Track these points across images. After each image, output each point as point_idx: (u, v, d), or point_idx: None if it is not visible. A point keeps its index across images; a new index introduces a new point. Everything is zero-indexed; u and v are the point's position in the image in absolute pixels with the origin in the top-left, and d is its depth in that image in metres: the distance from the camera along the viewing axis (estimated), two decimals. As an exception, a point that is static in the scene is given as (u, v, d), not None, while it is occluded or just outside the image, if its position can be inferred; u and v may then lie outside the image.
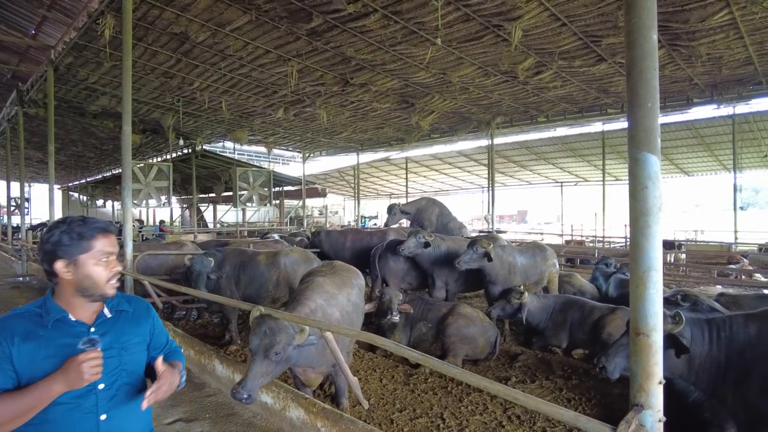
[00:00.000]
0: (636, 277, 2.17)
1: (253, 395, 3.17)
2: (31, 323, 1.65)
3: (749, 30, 8.95)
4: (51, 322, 1.67)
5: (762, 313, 3.23)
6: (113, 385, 1.74)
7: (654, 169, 2.15)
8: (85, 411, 1.67)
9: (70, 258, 1.68)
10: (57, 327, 1.68)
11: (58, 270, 1.68)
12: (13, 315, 1.68)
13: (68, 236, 1.68)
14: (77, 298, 1.72)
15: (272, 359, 3.29)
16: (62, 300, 1.72)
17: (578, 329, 6.27)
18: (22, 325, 1.64)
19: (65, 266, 1.68)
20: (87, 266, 1.69)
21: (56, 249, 1.67)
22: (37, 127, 18.28)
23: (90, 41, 10.35)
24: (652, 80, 2.18)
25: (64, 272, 1.68)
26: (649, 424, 2.07)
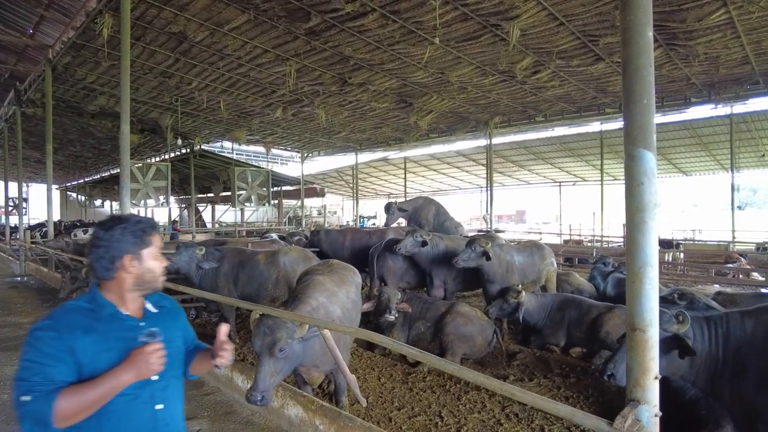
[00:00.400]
0: (632, 273, 2.18)
1: (267, 396, 3.17)
2: (87, 317, 1.71)
3: (746, 29, 8.98)
4: (105, 316, 1.74)
5: (758, 310, 3.24)
6: (164, 376, 1.81)
7: (650, 166, 2.16)
8: (143, 401, 1.75)
9: (134, 253, 1.77)
10: (111, 321, 1.74)
11: (123, 265, 1.75)
12: (68, 310, 1.73)
13: (132, 233, 1.77)
14: (132, 292, 1.80)
15: (278, 356, 3.29)
16: (113, 295, 1.78)
17: (576, 328, 6.28)
18: (79, 320, 1.69)
19: (130, 261, 1.76)
20: (148, 261, 1.80)
21: (123, 245, 1.75)
22: (34, 126, 18.26)
23: (88, 41, 10.35)
24: (647, 77, 2.19)
25: (130, 267, 1.76)
26: (645, 419, 2.09)
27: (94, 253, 1.74)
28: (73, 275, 8.35)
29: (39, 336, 1.61)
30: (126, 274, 1.76)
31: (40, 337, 1.61)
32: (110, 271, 1.75)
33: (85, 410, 1.57)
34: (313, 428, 3.81)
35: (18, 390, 1.53)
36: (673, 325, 3.06)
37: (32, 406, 1.50)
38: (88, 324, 1.68)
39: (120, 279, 1.77)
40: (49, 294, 10.76)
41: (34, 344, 1.59)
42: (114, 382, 1.61)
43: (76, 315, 1.70)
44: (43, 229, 18.85)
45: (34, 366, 1.56)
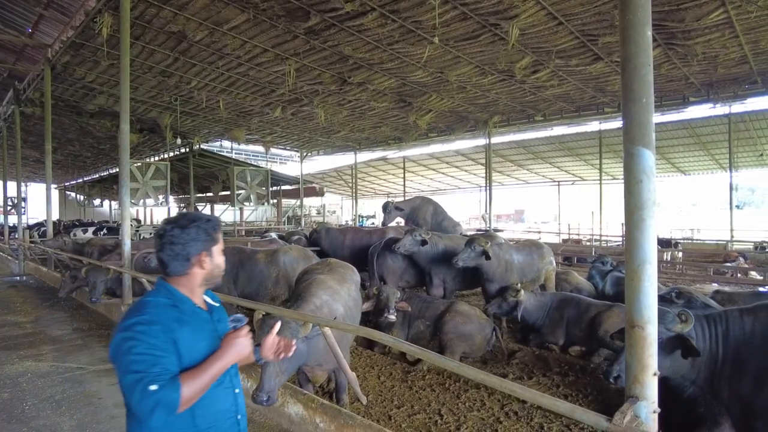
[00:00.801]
0: (631, 270, 2.20)
1: (273, 396, 3.20)
2: (175, 311, 1.79)
3: (744, 29, 9.00)
4: (188, 310, 1.83)
5: (756, 308, 3.25)
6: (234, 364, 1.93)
7: (648, 164, 2.18)
8: (225, 387, 1.88)
9: (208, 250, 1.87)
10: (193, 314, 1.84)
11: (200, 262, 1.85)
12: (156, 305, 1.78)
13: (205, 231, 1.86)
14: (201, 287, 1.91)
15: None
16: (185, 290, 1.86)
17: (575, 326, 6.29)
18: (171, 313, 1.77)
19: (204, 258, 1.86)
20: (217, 257, 1.91)
21: (198, 243, 1.84)
22: (33, 126, 18.23)
23: (87, 40, 10.34)
24: (646, 76, 2.20)
25: (205, 263, 1.86)
26: (643, 415, 2.10)
27: (170, 250, 1.80)
28: (73, 274, 8.35)
29: (144, 330, 1.65)
30: (199, 270, 1.86)
31: (145, 331, 1.65)
32: (185, 267, 1.83)
33: (199, 395, 1.68)
34: (314, 426, 3.82)
35: (140, 382, 1.56)
36: (677, 324, 3.06)
37: (162, 394, 1.56)
38: (179, 317, 1.77)
39: (193, 275, 1.86)
40: (49, 293, 10.76)
41: (142, 338, 1.63)
42: (220, 365, 1.74)
43: (166, 309, 1.77)
44: (42, 229, 18.83)
45: (149, 357, 1.60)
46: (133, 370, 1.58)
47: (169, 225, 1.84)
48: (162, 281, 1.86)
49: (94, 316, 8.54)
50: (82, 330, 7.59)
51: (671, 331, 3.06)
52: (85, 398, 4.84)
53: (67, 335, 7.28)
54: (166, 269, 1.84)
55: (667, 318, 3.06)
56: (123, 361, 1.61)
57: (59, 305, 9.32)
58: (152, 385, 1.55)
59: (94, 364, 5.92)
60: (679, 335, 3.06)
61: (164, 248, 1.81)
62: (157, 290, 1.85)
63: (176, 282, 1.85)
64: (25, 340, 7.02)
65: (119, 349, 1.63)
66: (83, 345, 6.77)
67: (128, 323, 1.68)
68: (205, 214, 1.96)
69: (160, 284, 1.87)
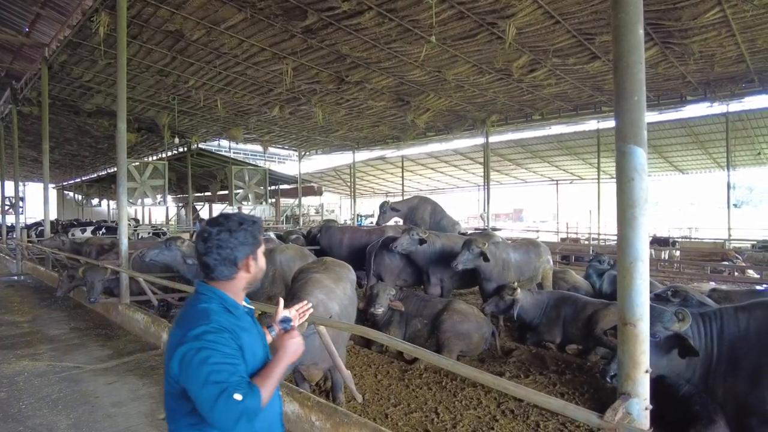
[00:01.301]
0: (623, 268, 2.21)
1: None
2: (231, 317, 1.73)
3: (741, 28, 9.02)
4: (241, 314, 1.79)
5: (751, 306, 3.25)
6: None
7: (640, 162, 2.18)
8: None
9: (254, 254, 1.81)
10: (245, 318, 1.81)
11: (247, 266, 1.79)
12: (215, 311, 1.71)
13: (251, 234, 1.80)
14: (245, 290, 1.86)
15: None
16: (231, 294, 1.79)
17: (572, 325, 6.30)
18: (231, 320, 1.71)
19: (251, 261, 1.80)
20: (261, 259, 1.86)
21: (246, 247, 1.78)
22: (31, 125, 18.21)
23: (84, 39, 10.34)
24: (638, 74, 2.21)
25: (251, 267, 1.81)
26: (635, 412, 2.11)
27: (217, 254, 1.73)
28: (71, 274, 8.34)
29: (215, 338, 1.59)
30: (246, 274, 1.80)
31: (217, 339, 1.59)
32: (232, 272, 1.77)
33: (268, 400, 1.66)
34: (309, 425, 3.82)
35: (223, 392, 1.51)
36: (674, 323, 3.06)
37: (247, 403, 1.53)
38: (237, 323, 1.72)
39: (238, 279, 1.80)
40: (46, 293, 10.75)
41: (215, 347, 1.58)
42: (283, 367, 1.73)
43: (225, 316, 1.71)
44: (39, 228, 18.81)
45: (227, 367, 1.56)
46: (213, 381, 1.52)
47: (216, 228, 1.75)
48: (208, 287, 1.78)
49: (92, 315, 8.54)
50: (79, 329, 7.59)
51: (669, 330, 3.05)
52: (81, 397, 4.84)
53: (64, 335, 7.28)
54: (211, 274, 1.76)
55: (665, 317, 3.05)
56: (198, 373, 1.53)
57: (57, 305, 9.32)
58: (236, 394, 1.51)
59: (91, 363, 5.92)
60: (678, 335, 3.04)
61: (210, 252, 1.73)
62: (207, 296, 1.75)
63: (222, 287, 1.78)
64: (22, 339, 7.02)
65: (190, 361, 1.55)
66: (80, 344, 6.76)
67: (195, 333, 1.59)
68: (249, 216, 1.88)
69: (207, 290, 1.77)
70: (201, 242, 1.76)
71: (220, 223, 1.77)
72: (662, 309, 3.10)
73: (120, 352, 6.39)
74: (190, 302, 1.79)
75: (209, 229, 1.76)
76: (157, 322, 6.77)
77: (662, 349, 3.05)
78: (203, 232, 1.77)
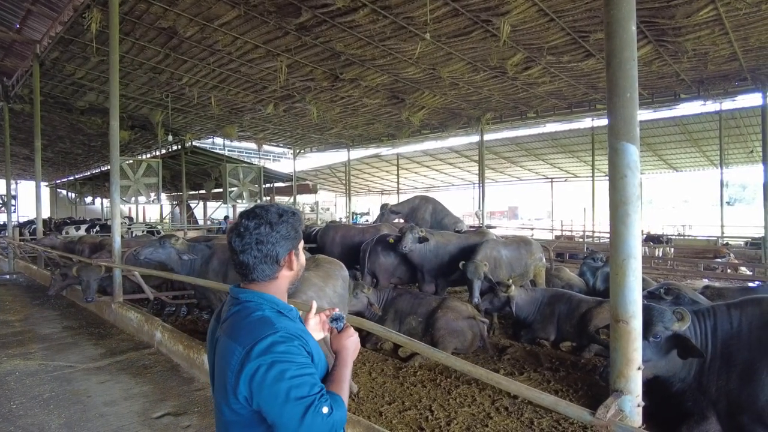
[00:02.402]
0: (615, 265, 2.20)
1: None
2: (291, 323, 1.53)
3: (734, 26, 9.05)
4: (296, 317, 1.61)
5: (742, 303, 3.27)
6: None
7: (633, 159, 2.18)
8: None
9: (296, 249, 1.62)
10: (300, 321, 1.64)
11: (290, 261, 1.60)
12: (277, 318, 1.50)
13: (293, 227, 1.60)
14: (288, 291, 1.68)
15: None
16: (278, 294, 1.60)
17: (566, 322, 6.33)
18: (293, 326, 1.52)
19: (294, 257, 1.61)
20: (302, 255, 1.68)
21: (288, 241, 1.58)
22: (22, 123, 18.05)
23: (76, 36, 10.25)
24: (630, 70, 2.21)
25: (293, 264, 1.62)
26: (628, 409, 2.11)
27: (257, 251, 1.51)
28: (63, 272, 8.28)
29: (286, 349, 1.40)
30: (288, 272, 1.61)
31: (288, 350, 1.40)
32: (274, 270, 1.56)
33: None
34: (303, 423, 3.81)
35: (310, 407, 1.36)
36: (674, 323, 3.04)
37: (336, 415, 1.41)
38: (302, 327, 1.57)
39: (281, 278, 1.60)
40: (39, 291, 10.67)
41: (289, 358, 1.39)
42: (349, 368, 1.62)
43: (286, 321, 1.51)
44: (32, 227, 18.67)
45: (306, 378, 1.39)
46: (296, 397, 1.35)
47: (254, 221, 1.53)
48: (251, 292, 1.55)
49: (85, 314, 8.48)
50: (72, 328, 7.54)
51: (669, 330, 3.03)
52: (73, 397, 4.80)
53: (56, 333, 7.23)
54: (251, 275, 1.54)
55: (665, 317, 3.03)
56: (276, 392, 1.35)
57: (49, 303, 9.25)
58: (323, 407, 1.37)
59: (84, 362, 5.88)
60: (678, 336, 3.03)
61: (249, 249, 1.51)
62: (255, 303, 1.52)
63: (265, 289, 1.56)
64: (14, 338, 6.96)
65: (263, 379, 1.35)
66: (73, 343, 6.71)
67: (262, 346, 1.38)
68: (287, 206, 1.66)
69: (252, 295, 1.54)
70: (237, 238, 1.53)
71: (258, 216, 1.55)
72: (662, 309, 3.09)
73: (113, 350, 6.35)
74: (237, 312, 1.53)
75: (246, 223, 1.54)
76: (151, 320, 6.73)
77: (662, 349, 3.04)
78: (239, 227, 1.54)
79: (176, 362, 5.78)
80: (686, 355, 3.05)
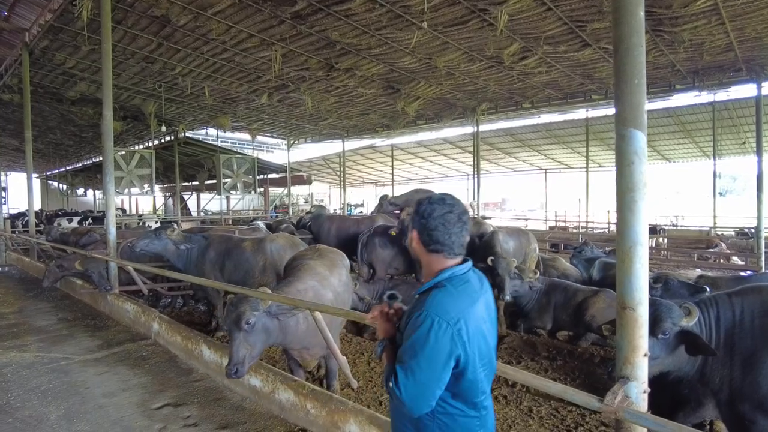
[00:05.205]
0: (622, 252, 2.20)
1: (241, 369, 3.34)
2: None
3: (731, 16, 9.04)
4: None
5: (743, 291, 3.26)
6: None
7: (640, 145, 2.17)
8: None
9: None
10: None
11: None
12: None
13: None
14: None
15: (246, 330, 3.43)
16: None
17: (562, 311, 6.38)
18: None
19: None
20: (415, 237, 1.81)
21: None
22: (12, 113, 17.80)
23: (66, 24, 10.05)
24: (638, 56, 2.19)
25: None
26: (634, 396, 2.12)
27: (460, 237, 1.71)
28: (59, 263, 8.21)
29: None
30: None
31: None
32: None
33: None
34: (305, 412, 3.81)
35: None
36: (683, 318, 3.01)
37: None
38: None
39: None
40: (32, 283, 10.58)
41: None
42: None
43: None
44: (25, 219, 18.48)
45: None
46: None
47: (455, 210, 1.73)
48: (467, 268, 1.75)
49: (79, 306, 8.42)
50: (67, 320, 7.48)
51: (677, 326, 3.00)
52: (71, 388, 4.78)
53: (52, 325, 7.17)
54: (454, 253, 1.73)
55: (673, 313, 3.01)
56: None
57: (43, 295, 9.17)
58: None
59: (80, 354, 5.85)
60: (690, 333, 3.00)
61: (456, 233, 1.72)
62: (466, 273, 1.73)
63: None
64: (9, 330, 6.90)
65: None
66: (69, 335, 6.67)
67: None
68: None
69: (467, 269, 1.74)
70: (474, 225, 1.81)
71: (451, 205, 1.75)
72: (670, 304, 3.07)
73: (109, 342, 6.31)
74: None
75: (454, 215, 1.72)
76: (148, 312, 6.69)
77: (669, 346, 3.03)
78: (454, 217, 1.72)
79: (174, 353, 5.75)
80: (697, 352, 3.03)
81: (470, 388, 1.62)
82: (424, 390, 1.54)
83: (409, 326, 1.60)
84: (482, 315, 1.66)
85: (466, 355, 1.56)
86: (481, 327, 1.64)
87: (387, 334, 1.76)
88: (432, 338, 1.52)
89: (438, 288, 1.64)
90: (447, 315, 1.55)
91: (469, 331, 1.57)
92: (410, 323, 1.60)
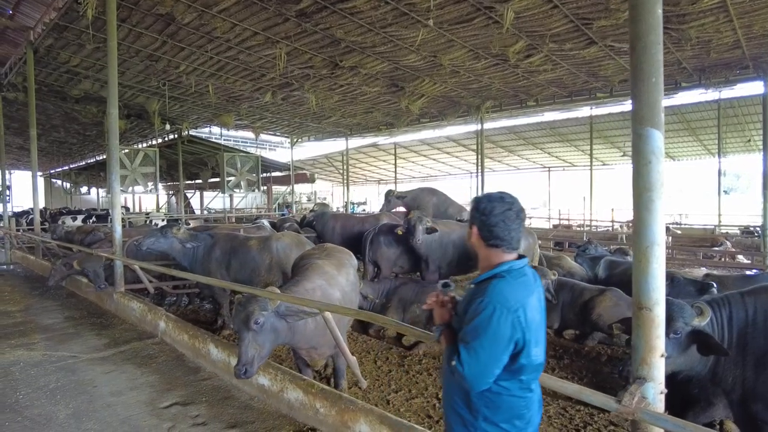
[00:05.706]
0: (639, 252, 2.18)
1: (250, 369, 3.33)
2: None
3: (738, 13, 8.98)
4: None
5: (756, 290, 3.23)
6: None
7: (657, 144, 2.15)
8: None
9: None
10: None
11: None
12: None
13: None
14: None
15: (255, 330, 3.41)
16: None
17: (569, 310, 6.34)
18: None
19: None
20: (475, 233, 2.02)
21: None
22: (16, 112, 17.82)
23: (71, 22, 10.06)
24: (656, 54, 2.17)
25: None
26: (651, 396, 2.10)
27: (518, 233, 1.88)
28: (65, 262, 8.22)
29: None
30: None
31: None
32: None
33: None
34: (314, 411, 3.81)
35: None
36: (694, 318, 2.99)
37: None
38: None
39: None
40: (37, 282, 10.60)
41: None
42: None
43: None
44: (29, 217, 18.53)
45: None
46: None
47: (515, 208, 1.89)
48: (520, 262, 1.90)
49: (85, 304, 8.43)
50: (73, 318, 7.49)
51: (689, 326, 2.98)
52: (79, 387, 4.78)
53: (58, 324, 7.18)
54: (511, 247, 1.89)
55: (685, 312, 2.98)
56: None
57: (49, 294, 9.19)
58: None
59: (87, 352, 5.85)
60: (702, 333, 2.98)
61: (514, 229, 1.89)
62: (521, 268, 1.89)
63: None
64: (16, 329, 6.91)
65: None
66: (75, 333, 6.67)
67: None
68: None
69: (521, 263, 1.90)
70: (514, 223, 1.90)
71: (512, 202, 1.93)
72: (682, 303, 3.04)
73: (116, 340, 6.32)
74: None
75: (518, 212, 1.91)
76: (154, 310, 6.69)
77: (681, 345, 3.01)
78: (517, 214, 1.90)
79: (181, 352, 5.75)
80: (709, 352, 3.02)
81: (521, 371, 1.78)
82: (484, 369, 1.72)
83: (471, 311, 1.78)
84: (536, 306, 1.82)
85: (524, 340, 1.73)
86: (536, 317, 1.80)
87: (443, 320, 2.02)
88: (494, 323, 1.70)
89: (498, 278, 1.82)
90: (507, 303, 1.73)
91: (527, 318, 1.74)
92: (472, 308, 1.78)
